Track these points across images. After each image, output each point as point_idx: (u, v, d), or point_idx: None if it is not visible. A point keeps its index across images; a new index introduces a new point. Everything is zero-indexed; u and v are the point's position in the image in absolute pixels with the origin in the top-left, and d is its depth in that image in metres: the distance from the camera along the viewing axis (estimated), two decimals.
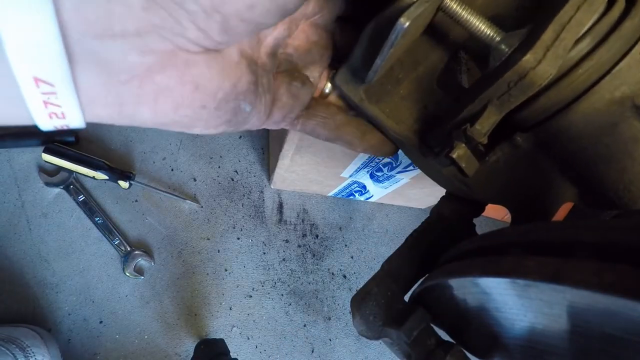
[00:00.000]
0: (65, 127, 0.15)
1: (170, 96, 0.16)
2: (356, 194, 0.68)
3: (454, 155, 0.20)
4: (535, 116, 0.21)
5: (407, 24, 0.17)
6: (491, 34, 0.20)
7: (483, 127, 0.19)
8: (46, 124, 0.14)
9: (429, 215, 0.27)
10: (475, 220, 0.26)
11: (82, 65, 0.14)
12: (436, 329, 0.22)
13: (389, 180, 0.59)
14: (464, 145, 0.20)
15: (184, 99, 0.16)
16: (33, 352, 0.45)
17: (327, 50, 0.23)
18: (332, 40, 0.23)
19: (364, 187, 0.64)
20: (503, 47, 0.19)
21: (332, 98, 0.25)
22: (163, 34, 0.14)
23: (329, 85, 0.24)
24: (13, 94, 0.13)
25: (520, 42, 0.19)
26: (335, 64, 0.23)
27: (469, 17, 0.20)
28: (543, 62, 0.17)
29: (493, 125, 0.20)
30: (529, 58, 0.17)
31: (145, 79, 0.15)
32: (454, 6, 0.20)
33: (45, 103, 0.14)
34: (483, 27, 0.20)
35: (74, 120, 0.15)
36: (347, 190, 0.66)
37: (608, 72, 0.19)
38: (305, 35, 0.22)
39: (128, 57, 0.14)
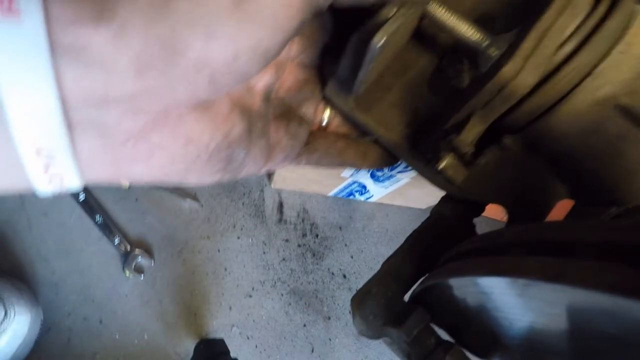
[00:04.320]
0: (63, 191, 0.15)
1: (164, 152, 0.16)
2: (356, 194, 0.68)
3: (440, 167, 0.20)
4: (520, 120, 0.21)
5: (382, 42, 0.17)
6: (477, 39, 0.19)
7: (468, 137, 0.19)
8: (45, 190, 0.15)
9: (429, 215, 0.27)
10: (475, 220, 0.26)
11: (80, 132, 0.14)
12: (436, 329, 0.22)
13: (389, 179, 0.59)
14: (451, 154, 0.20)
15: (177, 153, 0.17)
16: (9, 299, 0.45)
17: (318, 85, 0.23)
18: (321, 74, 0.23)
19: (364, 186, 0.64)
20: (491, 50, 0.19)
21: (330, 127, 0.25)
22: (154, 94, 0.15)
23: (326, 116, 0.24)
24: (13, 162, 0.14)
25: (506, 48, 0.18)
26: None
27: (454, 22, 0.19)
28: (523, 72, 0.17)
29: (479, 135, 0.20)
30: (508, 69, 0.17)
31: (139, 139, 0.15)
32: (438, 13, 0.19)
33: (45, 170, 0.14)
34: (469, 32, 0.19)
35: (72, 184, 0.15)
36: (347, 190, 0.66)
37: (590, 72, 0.19)
38: (293, 76, 0.22)
39: (123, 120, 0.15)
